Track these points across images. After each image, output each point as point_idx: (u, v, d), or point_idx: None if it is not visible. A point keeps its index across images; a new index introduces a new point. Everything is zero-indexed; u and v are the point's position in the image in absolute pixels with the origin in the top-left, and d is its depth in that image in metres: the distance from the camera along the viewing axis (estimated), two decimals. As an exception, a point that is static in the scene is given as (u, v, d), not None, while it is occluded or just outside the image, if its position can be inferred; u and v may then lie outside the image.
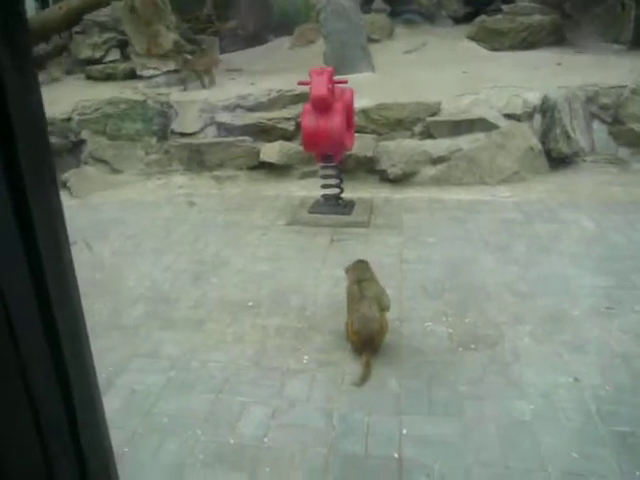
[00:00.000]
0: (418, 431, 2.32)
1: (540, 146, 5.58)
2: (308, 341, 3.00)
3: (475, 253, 3.98)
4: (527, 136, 5.58)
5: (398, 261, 3.88)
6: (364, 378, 2.64)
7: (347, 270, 3.09)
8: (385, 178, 5.45)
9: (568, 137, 5.59)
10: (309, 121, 4.19)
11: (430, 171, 5.45)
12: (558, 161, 5.61)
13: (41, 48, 8.62)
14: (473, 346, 2.89)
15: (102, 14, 7.99)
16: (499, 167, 5.41)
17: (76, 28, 8.26)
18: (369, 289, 2.88)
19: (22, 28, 0.54)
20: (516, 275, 3.64)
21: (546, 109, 5.68)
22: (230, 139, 5.92)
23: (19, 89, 0.52)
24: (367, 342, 2.78)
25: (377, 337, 2.79)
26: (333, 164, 4.64)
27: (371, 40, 7.50)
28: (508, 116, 5.66)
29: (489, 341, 2.93)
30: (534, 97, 5.73)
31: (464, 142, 5.50)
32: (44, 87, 7.59)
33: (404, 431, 2.32)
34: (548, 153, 5.60)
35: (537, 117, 5.73)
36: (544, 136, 5.66)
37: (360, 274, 2.99)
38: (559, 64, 6.76)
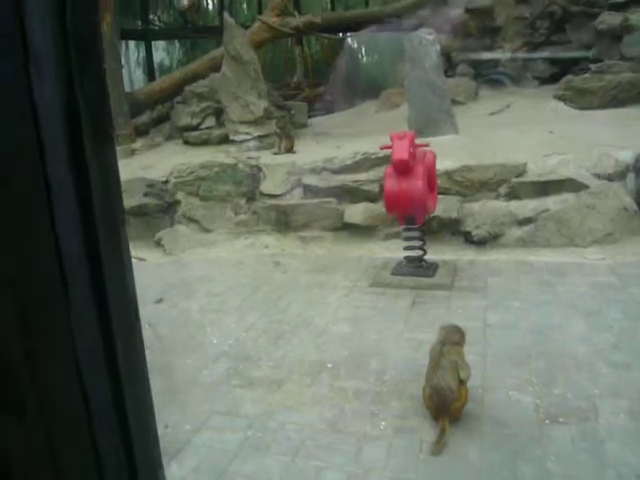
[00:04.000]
0: (500, 509, 2.21)
1: (635, 206, 5.32)
2: (386, 406, 2.96)
3: (564, 319, 3.81)
4: (620, 196, 5.35)
5: (482, 325, 3.78)
6: (440, 446, 2.56)
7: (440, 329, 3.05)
8: (469, 240, 5.37)
9: (665, 197, 5.31)
10: (391, 184, 4.26)
11: (516, 233, 5.32)
12: (655, 222, 5.32)
13: (146, 116, 9.38)
14: (562, 420, 2.73)
15: (200, 85, 8.61)
16: (590, 228, 5.21)
17: (177, 98, 8.94)
18: (450, 354, 2.82)
19: (107, 118, 0.61)
20: (610, 343, 3.43)
21: (639, 168, 5.45)
22: (316, 201, 6.09)
23: (101, 168, 0.57)
24: (441, 410, 2.70)
25: (453, 406, 2.71)
26: (416, 226, 4.65)
27: (455, 102, 7.57)
28: (598, 176, 5.48)
29: (580, 415, 2.76)
30: (626, 156, 5.53)
31: (552, 203, 5.35)
32: (146, 152, 8.21)
33: (485, 508, 2.22)
34: (644, 213, 5.33)
35: (630, 176, 5.50)
36: (639, 196, 5.41)
37: (447, 336, 2.93)
38: (654, 121, 6.51)
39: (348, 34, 14.52)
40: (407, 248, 4.74)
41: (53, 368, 0.52)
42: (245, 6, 20.52)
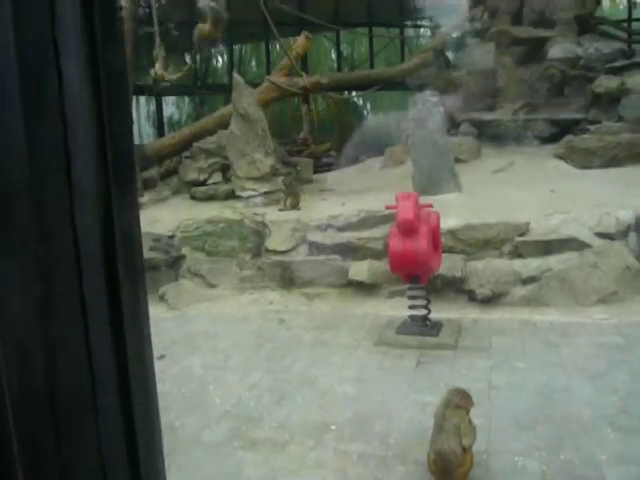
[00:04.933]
0: None
1: (638, 265, 5.35)
2: (391, 471, 2.92)
3: (570, 381, 3.78)
4: (623, 255, 5.39)
5: (486, 387, 3.75)
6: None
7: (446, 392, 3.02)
8: (474, 298, 5.39)
9: (668, 257, 5.35)
10: (395, 244, 4.32)
11: (520, 291, 5.34)
12: (659, 282, 5.34)
13: (154, 170, 9.56)
14: (569, 487, 2.69)
15: (208, 142, 8.81)
16: (594, 287, 5.22)
17: (185, 153, 9.14)
18: (454, 418, 2.80)
19: (133, 172, 0.65)
20: (617, 407, 3.39)
21: (641, 228, 5.52)
22: (321, 257, 6.14)
23: (124, 221, 0.61)
24: (445, 476, 2.67)
25: (457, 471, 2.67)
26: (420, 285, 4.68)
27: (458, 161, 7.72)
28: (601, 235, 5.53)
29: (588, 483, 2.72)
30: (627, 215, 5.59)
31: (555, 262, 5.39)
32: (153, 206, 8.33)
33: None
34: (647, 273, 5.35)
35: (632, 235, 5.55)
36: (642, 255, 5.45)
37: (452, 399, 2.91)
38: (654, 181, 6.61)
39: (354, 93, 14.96)
40: (411, 307, 4.76)
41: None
42: (254, 64, 21.23)
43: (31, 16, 0.54)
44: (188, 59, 19.68)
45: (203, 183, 8.54)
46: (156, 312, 6.00)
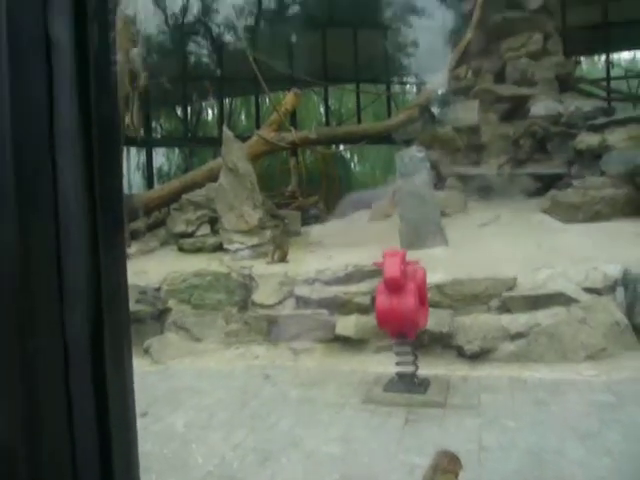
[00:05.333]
0: None
1: (626, 320, 5.35)
2: (379, 539, 2.80)
3: (561, 441, 3.70)
4: (611, 310, 5.39)
5: (477, 447, 3.66)
6: None
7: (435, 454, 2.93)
8: (462, 354, 5.34)
9: (655, 312, 5.35)
10: (382, 301, 4.31)
11: (509, 347, 5.30)
12: (648, 336, 5.33)
13: (142, 221, 9.54)
14: None
15: (197, 194, 8.86)
16: (583, 343, 5.19)
17: (174, 205, 9.17)
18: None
19: (120, 231, 0.64)
20: (610, 469, 3.32)
21: (628, 282, 5.54)
22: (307, 312, 6.09)
23: (112, 274, 0.60)
24: None
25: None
26: (407, 341, 4.63)
27: (445, 215, 7.80)
28: (588, 290, 5.55)
29: None
30: (614, 270, 5.63)
31: (543, 317, 5.38)
32: (141, 257, 8.27)
33: None
34: (636, 328, 5.35)
35: (619, 290, 5.57)
36: (629, 310, 5.45)
37: (440, 462, 2.82)
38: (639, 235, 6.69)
39: (341, 146, 15.21)
40: (399, 363, 4.69)
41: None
42: (244, 117, 21.62)
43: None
44: (179, 111, 20.06)
45: (191, 235, 8.54)
46: (140, 365, 5.87)
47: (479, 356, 5.29)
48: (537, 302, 5.48)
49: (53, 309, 0.55)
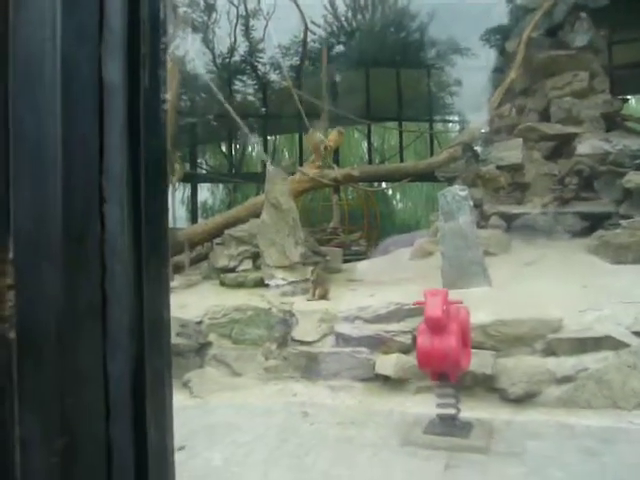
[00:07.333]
0: None
1: (681, 369, 5.12)
2: None
3: (612, 494, 3.54)
4: (663, 356, 5.17)
5: (521, 497, 3.53)
6: None
7: None
8: (505, 397, 5.18)
9: None
10: (423, 341, 4.24)
11: (555, 392, 5.12)
12: None
13: (185, 255, 9.73)
14: None
15: (239, 230, 8.99)
16: (634, 390, 4.98)
17: (217, 240, 9.32)
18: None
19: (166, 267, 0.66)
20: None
21: (681, 327, 5.32)
22: (347, 349, 6.04)
23: (155, 307, 0.62)
24: None
25: None
26: (449, 383, 4.54)
27: (488, 254, 7.68)
28: (638, 334, 5.34)
29: None
30: (666, 314, 5.42)
31: (591, 361, 5.19)
32: (183, 290, 8.40)
33: None
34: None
35: (672, 337, 5.35)
36: (684, 357, 5.22)
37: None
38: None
39: (384, 184, 15.27)
40: (440, 405, 4.59)
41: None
42: (287, 154, 22.01)
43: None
44: (224, 148, 20.58)
45: (233, 270, 8.64)
46: (179, 399, 5.91)
47: (523, 400, 5.12)
48: (584, 345, 5.31)
49: (97, 345, 0.57)
